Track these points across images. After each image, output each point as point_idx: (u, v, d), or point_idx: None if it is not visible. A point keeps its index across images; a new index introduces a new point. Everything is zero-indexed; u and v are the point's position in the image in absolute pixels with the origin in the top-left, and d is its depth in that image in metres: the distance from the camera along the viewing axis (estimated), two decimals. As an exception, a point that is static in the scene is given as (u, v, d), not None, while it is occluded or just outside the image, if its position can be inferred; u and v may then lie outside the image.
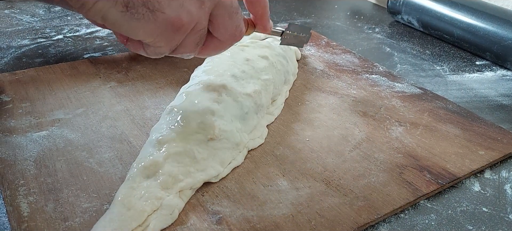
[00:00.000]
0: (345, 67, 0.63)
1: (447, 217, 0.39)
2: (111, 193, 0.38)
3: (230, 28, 0.36)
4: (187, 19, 0.32)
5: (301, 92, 0.56)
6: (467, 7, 0.72)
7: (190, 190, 0.38)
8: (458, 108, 0.54)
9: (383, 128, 0.49)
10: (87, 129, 0.46)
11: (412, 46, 0.76)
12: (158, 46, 0.33)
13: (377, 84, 0.59)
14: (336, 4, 0.96)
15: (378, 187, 0.40)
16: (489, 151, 0.46)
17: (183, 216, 0.36)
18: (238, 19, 0.36)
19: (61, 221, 0.35)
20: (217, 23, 0.35)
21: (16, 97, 0.50)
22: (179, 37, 0.33)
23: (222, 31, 0.36)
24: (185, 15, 0.32)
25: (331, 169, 0.42)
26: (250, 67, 0.50)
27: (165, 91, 0.54)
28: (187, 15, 0.32)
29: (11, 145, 0.43)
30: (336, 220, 0.36)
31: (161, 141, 0.39)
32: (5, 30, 0.71)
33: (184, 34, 0.33)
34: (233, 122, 0.43)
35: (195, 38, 0.34)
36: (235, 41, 0.38)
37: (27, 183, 0.38)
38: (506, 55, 0.67)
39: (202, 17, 0.33)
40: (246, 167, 0.42)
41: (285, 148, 0.45)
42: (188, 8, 0.32)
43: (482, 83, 0.64)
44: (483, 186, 0.43)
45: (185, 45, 0.34)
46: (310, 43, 0.71)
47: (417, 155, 0.45)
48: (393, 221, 0.38)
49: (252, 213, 0.37)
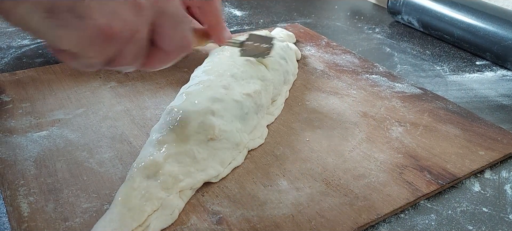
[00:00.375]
0: (345, 67, 0.63)
1: (447, 217, 0.39)
2: (111, 193, 0.38)
3: (175, 39, 0.33)
4: (120, 28, 0.28)
5: (301, 93, 0.56)
6: (467, 7, 0.72)
7: (190, 190, 0.38)
8: (458, 108, 0.54)
9: (383, 128, 0.49)
10: (87, 129, 0.46)
11: (412, 46, 0.76)
12: (89, 58, 0.29)
13: (377, 85, 0.59)
14: (336, 4, 0.96)
15: (378, 187, 0.40)
16: (489, 151, 0.46)
17: (183, 216, 0.36)
18: (184, 29, 0.33)
19: (61, 221, 0.35)
20: (161, 33, 0.32)
21: (16, 98, 0.50)
22: (112, 48, 0.29)
23: (166, 42, 0.33)
24: (117, 23, 0.28)
25: (331, 169, 0.42)
26: (250, 67, 0.50)
27: (165, 91, 0.54)
28: (120, 23, 0.28)
29: (11, 145, 0.43)
30: (336, 220, 0.36)
31: (161, 141, 0.39)
32: (5, 30, 0.71)
33: (118, 44, 0.29)
34: (233, 122, 0.43)
35: (134, 49, 0.31)
36: (183, 52, 0.34)
37: (27, 183, 0.38)
38: (506, 56, 0.67)
39: (141, 26, 0.30)
40: (246, 167, 0.42)
41: (285, 148, 0.45)
42: (121, 15, 0.28)
43: (482, 83, 0.64)
44: (483, 186, 0.43)
45: (123, 57, 0.31)
46: (310, 43, 0.71)
47: (417, 155, 0.45)
48: (393, 221, 0.38)
49: (252, 213, 0.37)
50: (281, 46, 0.58)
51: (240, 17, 0.84)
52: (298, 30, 0.75)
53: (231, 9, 0.88)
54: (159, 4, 0.30)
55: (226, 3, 0.91)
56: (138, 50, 0.31)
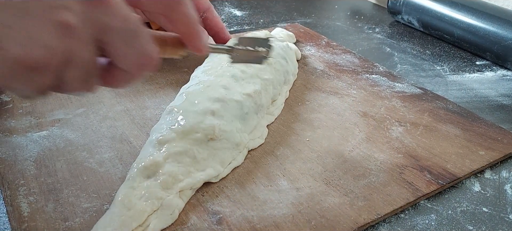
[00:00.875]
0: (345, 67, 0.63)
1: (447, 217, 0.39)
2: (111, 193, 0.38)
3: (131, 57, 0.28)
4: (40, 55, 0.24)
5: (301, 92, 0.56)
6: (467, 7, 0.72)
7: (190, 190, 0.38)
8: (458, 108, 0.54)
9: (383, 128, 0.49)
10: (87, 129, 0.46)
11: (412, 46, 0.76)
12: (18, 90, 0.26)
13: (377, 84, 0.59)
14: (336, 4, 0.96)
15: (378, 187, 0.40)
16: (489, 151, 0.46)
17: (183, 216, 0.36)
18: (140, 45, 0.28)
19: (61, 221, 0.35)
20: (112, 52, 0.28)
21: (16, 97, 0.50)
22: (43, 78, 0.25)
23: (122, 61, 0.28)
24: (37, 51, 0.24)
25: (331, 169, 0.42)
26: (249, 67, 0.50)
27: (165, 91, 0.54)
28: (41, 50, 0.24)
29: (11, 145, 0.43)
30: (336, 220, 0.36)
31: (161, 141, 0.39)
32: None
33: (50, 73, 0.25)
34: (233, 122, 0.43)
35: (78, 74, 0.26)
36: (146, 70, 0.29)
37: (27, 183, 0.38)
38: (506, 55, 0.67)
39: (77, 48, 0.25)
40: (246, 167, 0.42)
41: (285, 148, 0.45)
42: (42, 40, 0.24)
43: (482, 83, 0.64)
44: (483, 186, 0.43)
45: (68, 83, 0.27)
46: (310, 43, 0.71)
47: (417, 155, 0.45)
48: (393, 221, 0.38)
49: (252, 213, 0.37)
50: (281, 46, 0.58)
51: (240, 17, 0.84)
52: (298, 30, 0.75)
53: (231, 9, 0.88)
54: (99, 19, 0.26)
55: (226, 3, 0.91)
56: (85, 75, 0.27)
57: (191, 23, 0.32)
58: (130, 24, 0.27)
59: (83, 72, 0.27)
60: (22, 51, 0.23)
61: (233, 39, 0.42)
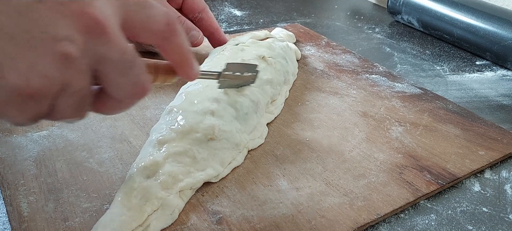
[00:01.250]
0: (345, 67, 0.63)
1: (447, 217, 0.39)
2: (111, 193, 0.38)
3: (124, 87, 0.28)
4: (39, 85, 0.24)
5: (301, 92, 0.56)
6: (467, 7, 0.72)
7: (190, 190, 0.38)
8: (458, 108, 0.54)
9: (383, 128, 0.49)
10: (87, 129, 0.46)
11: (412, 46, 0.76)
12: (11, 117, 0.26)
13: (377, 84, 0.59)
14: (336, 4, 0.96)
15: (378, 187, 0.40)
16: (489, 151, 0.46)
17: (183, 216, 0.36)
18: (134, 75, 0.28)
19: (61, 221, 0.35)
20: (106, 82, 0.28)
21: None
22: (38, 106, 0.25)
23: (115, 91, 0.29)
24: (37, 80, 0.24)
25: (331, 169, 0.42)
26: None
27: (165, 91, 0.54)
28: (40, 80, 0.24)
29: (11, 145, 0.43)
30: (336, 220, 0.36)
31: (161, 141, 0.39)
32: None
33: (45, 101, 0.25)
34: (232, 122, 0.43)
35: (72, 103, 0.27)
36: (138, 99, 0.30)
37: (27, 183, 0.38)
38: (506, 55, 0.67)
39: (74, 78, 0.26)
40: (246, 167, 0.42)
41: (285, 148, 0.45)
42: (41, 70, 0.24)
43: (482, 83, 0.64)
44: (483, 186, 0.43)
45: (59, 112, 0.27)
46: (310, 43, 0.71)
47: (417, 155, 0.45)
48: (393, 221, 0.38)
49: (252, 213, 0.37)
50: (281, 46, 0.58)
51: (240, 17, 0.84)
52: (298, 30, 0.75)
53: (231, 9, 0.88)
54: (98, 50, 0.26)
55: (226, 3, 0.91)
56: (78, 103, 0.27)
57: (185, 53, 0.33)
58: (127, 56, 0.27)
59: (77, 100, 0.27)
60: (22, 81, 0.24)
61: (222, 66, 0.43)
